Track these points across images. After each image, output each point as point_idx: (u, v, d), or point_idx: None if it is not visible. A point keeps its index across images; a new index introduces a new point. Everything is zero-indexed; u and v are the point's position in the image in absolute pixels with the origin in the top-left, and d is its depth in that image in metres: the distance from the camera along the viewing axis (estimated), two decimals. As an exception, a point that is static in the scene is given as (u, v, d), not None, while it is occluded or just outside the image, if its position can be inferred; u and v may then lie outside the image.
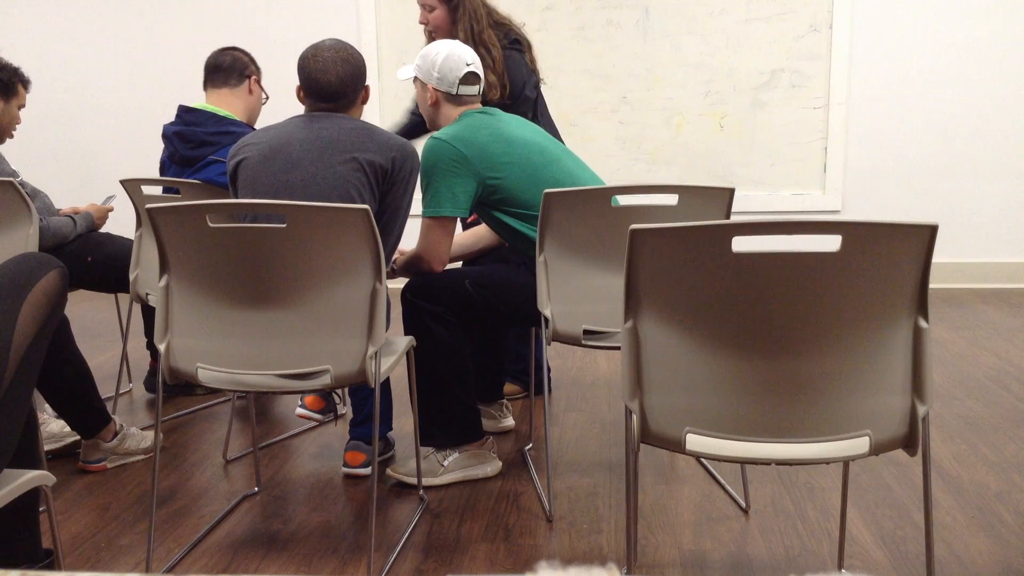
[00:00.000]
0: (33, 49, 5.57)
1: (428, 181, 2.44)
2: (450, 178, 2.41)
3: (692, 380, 1.58)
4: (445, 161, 2.41)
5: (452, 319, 2.46)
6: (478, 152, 2.42)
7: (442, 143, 2.42)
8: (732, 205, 2.32)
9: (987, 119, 5.05)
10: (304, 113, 2.38)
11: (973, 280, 5.17)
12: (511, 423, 3.00)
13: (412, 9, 5.29)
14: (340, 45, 2.37)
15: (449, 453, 2.55)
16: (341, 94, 2.35)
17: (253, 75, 3.19)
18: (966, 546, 2.15)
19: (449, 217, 2.45)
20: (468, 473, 2.57)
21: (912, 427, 1.57)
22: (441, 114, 2.56)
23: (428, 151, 2.43)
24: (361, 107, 2.44)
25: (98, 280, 3.13)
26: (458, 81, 2.50)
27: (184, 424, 3.13)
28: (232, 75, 3.15)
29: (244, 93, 3.15)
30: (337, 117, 2.33)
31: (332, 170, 2.23)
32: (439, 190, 2.42)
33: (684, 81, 5.17)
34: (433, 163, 2.41)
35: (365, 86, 2.41)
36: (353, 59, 2.36)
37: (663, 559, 2.12)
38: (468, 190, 2.43)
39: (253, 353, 2.03)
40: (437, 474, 2.53)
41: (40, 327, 1.52)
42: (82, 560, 2.17)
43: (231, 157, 2.35)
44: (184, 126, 3.09)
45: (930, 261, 1.50)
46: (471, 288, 2.46)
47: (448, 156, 2.40)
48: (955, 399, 3.20)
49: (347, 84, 2.34)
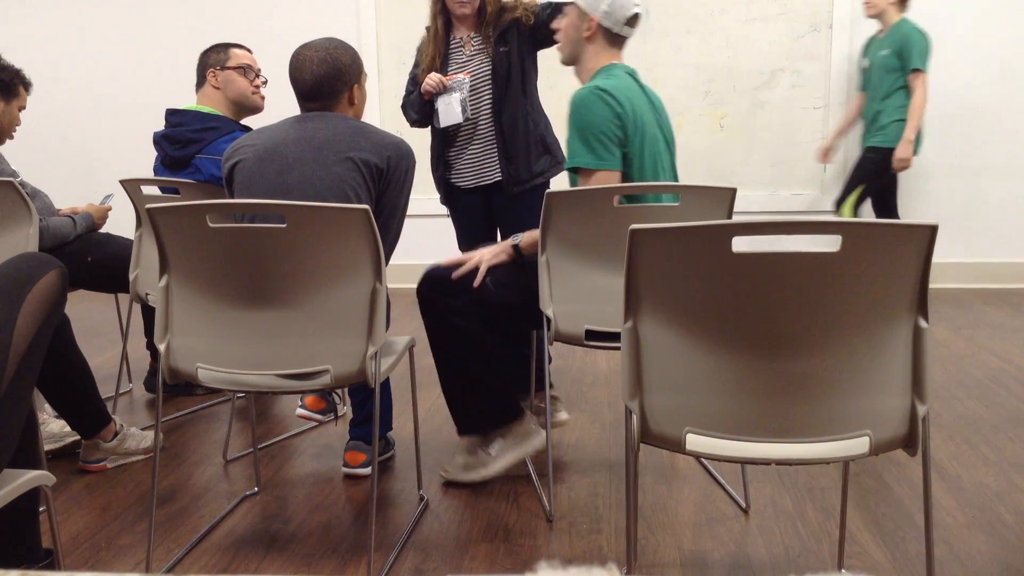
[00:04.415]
0: (33, 49, 5.57)
1: (585, 135, 2.32)
2: (607, 136, 2.32)
3: (692, 380, 1.58)
4: (604, 118, 2.30)
5: (471, 310, 2.42)
6: (631, 116, 2.33)
7: (601, 96, 2.31)
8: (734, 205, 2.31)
9: (987, 119, 5.05)
10: (299, 113, 2.37)
11: (973, 280, 5.17)
12: (565, 417, 2.92)
13: (412, 9, 5.30)
14: (327, 45, 2.32)
15: (493, 441, 2.52)
16: (318, 93, 2.31)
17: (209, 70, 3.13)
18: (966, 546, 2.15)
19: (611, 171, 2.35)
20: (518, 453, 2.52)
21: (912, 427, 1.56)
22: (590, 52, 2.44)
23: (585, 102, 2.32)
24: (351, 107, 2.38)
25: (98, 280, 3.14)
26: (624, 20, 2.39)
27: (184, 424, 3.13)
28: (199, 77, 3.17)
29: (211, 91, 3.14)
30: (330, 117, 2.31)
31: (328, 170, 2.22)
32: (598, 145, 2.31)
33: (684, 81, 5.17)
34: (592, 119, 2.30)
35: (351, 87, 2.35)
36: (333, 59, 2.30)
37: (663, 559, 2.12)
38: (618, 147, 2.35)
39: (253, 353, 2.03)
40: (488, 464, 2.51)
41: (40, 327, 1.52)
42: (82, 560, 2.17)
43: (226, 159, 2.33)
44: (171, 128, 3.10)
45: (930, 261, 1.50)
46: (491, 285, 2.42)
47: (606, 112, 2.30)
48: (955, 399, 3.20)
49: (323, 84, 2.30)
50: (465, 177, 3.15)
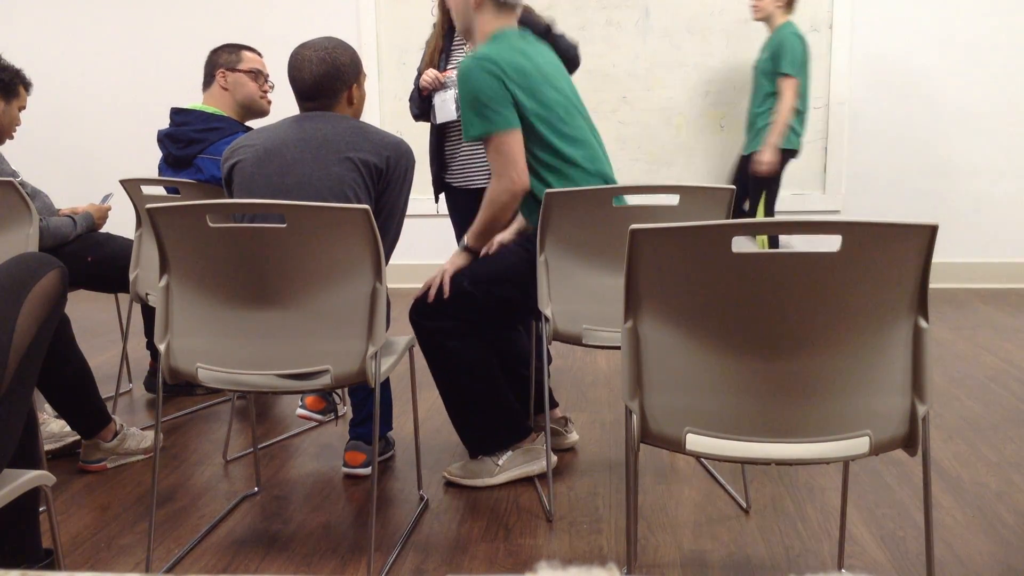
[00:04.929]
0: (34, 49, 5.57)
1: (474, 104, 2.35)
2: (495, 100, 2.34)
3: (692, 380, 1.58)
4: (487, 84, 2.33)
5: (464, 328, 2.43)
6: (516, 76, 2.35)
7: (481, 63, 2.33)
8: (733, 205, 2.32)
9: (987, 118, 5.05)
10: (298, 113, 2.37)
11: (973, 280, 5.17)
12: (575, 438, 2.85)
13: (412, 9, 5.30)
14: (326, 44, 2.32)
15: (502, 452, 2.54)
16: (317, 93, 2.31)
17: (219, 70, 3.12)
18: (966, 546, 2.15)
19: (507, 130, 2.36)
20: (524, 470, 2.55)
21: (912, 427, 1.57)
22: (480, 21, 2.45)
23: (467, 72, 2.34)
24: (349, 107, 2.38)
25: (98, 280, 3.14)
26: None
27: (184, 424, 3.13)
28: (205, 78, 3.16)
29: (218, 92, 3.13)
30: (329, 116, 2.30)
31: (327, 171, 2.22)
32: (487, 110, 2.34)
33: (684, 81, 5.17)
34: (476, 87, 2.33)
35: (350, 87, 2.35)
36: (332, 59, 2.31)
37: (663, 559, 2.12)
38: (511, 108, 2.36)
39: (253, 353, 2.03)
40: (494, 474, 2.52)
41: (40, 327, 1.52)
42: (82, 560, 2.17)
43: (225, 160, 2.33)
44: (174, 127, 3.10)
45: (930, 261, 1.50)
46: (469, 287, 2.43)
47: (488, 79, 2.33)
48: (955, 399, 3.20)
49: (321, 83, 2.30)
50: (459, 176, 3.15)
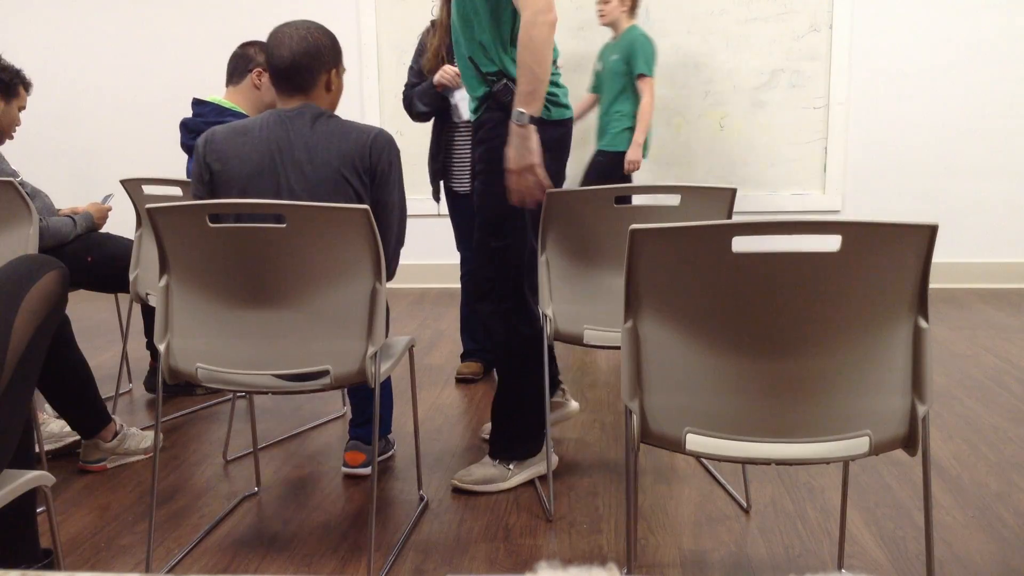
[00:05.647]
0: (34, 49, 5.57)
1: None
2: None
3: (692, 380, 1.58)
4: None
5: (522, 304, 2.42)
6: None
7: None
8: (734, 205, 2.32)
9: (987, 118, 5.05)
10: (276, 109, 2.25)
11: (973, 280, 5.17)
12: (576, 406, 2.88)
13: (412, 9, 5.30)
14: (308, 24, 2.25)
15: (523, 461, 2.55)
16: (294, 72, 2.20)
17: (256, 68, 3.09)
18: (966, 546, 2.15)
19: None
20: (530, 472, 2.56)
21: (912, 427, 1.56)
22: None
23: None
24: (327, 94, 2.27)
25: (98, 280, 3.14)
26: None
27: (184, 424, 3.13)
28: (235, 72, 3.12)
29: (248, 88, 3.10)
30: (309, 114, 2.19)
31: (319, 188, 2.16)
32: None
33: (684, 81, 5.17)
34: None
35: (329, 71, 2.25)
36: (313, 39, 2.22)
37: (663, 559, 2.12)
38: None
39: (253, 353, 2.03)
40: (507, 478, 2.52)
41: (39, 327, 1.52)
42: (82, 560, 2.17)
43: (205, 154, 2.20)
44: (191, 117, 3.09)
45: (930, 261, 1.50)
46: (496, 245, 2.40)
47: None
48: (955, 399, 3.20)
49: (300, 61, 2.20)
50: (461, 180, 3.15)
